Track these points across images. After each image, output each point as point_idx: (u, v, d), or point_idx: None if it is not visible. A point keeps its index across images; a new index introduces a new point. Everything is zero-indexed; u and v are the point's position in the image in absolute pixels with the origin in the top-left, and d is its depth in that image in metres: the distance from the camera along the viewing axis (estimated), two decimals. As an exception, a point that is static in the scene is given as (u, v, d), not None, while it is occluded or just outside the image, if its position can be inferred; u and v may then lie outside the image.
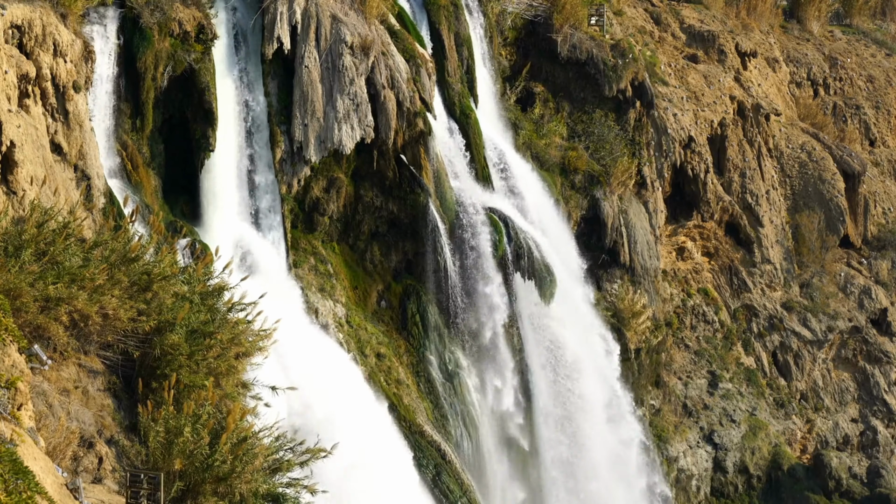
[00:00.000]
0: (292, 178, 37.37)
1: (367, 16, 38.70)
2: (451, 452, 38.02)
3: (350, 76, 37.52)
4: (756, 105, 55.39)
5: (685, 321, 51.89)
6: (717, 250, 53.84)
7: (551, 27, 48.10)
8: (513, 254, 41.01)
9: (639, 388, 47.68)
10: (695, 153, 51.70)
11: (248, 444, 18.89)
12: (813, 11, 65.17)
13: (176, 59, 34.49)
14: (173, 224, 33.46)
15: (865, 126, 62.61)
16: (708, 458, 49.57)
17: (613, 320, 46.31)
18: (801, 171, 57.28)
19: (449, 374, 40.03)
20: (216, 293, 22.38)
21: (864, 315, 55.83)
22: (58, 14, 29.67)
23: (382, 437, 35.53)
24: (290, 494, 19.78)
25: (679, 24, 57.71)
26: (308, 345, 34.57)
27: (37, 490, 14.28)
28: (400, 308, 40.03)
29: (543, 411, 42.24)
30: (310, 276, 37.88)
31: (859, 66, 64.76)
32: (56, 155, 29.13)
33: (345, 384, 35.28)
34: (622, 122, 48.71)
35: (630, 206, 48.12)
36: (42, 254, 19.92)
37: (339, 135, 37.30)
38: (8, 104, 26.72)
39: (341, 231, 39.57)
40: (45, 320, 19.26)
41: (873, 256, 57.92)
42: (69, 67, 29.54)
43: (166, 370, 20.23)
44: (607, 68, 47.99)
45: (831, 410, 54.05)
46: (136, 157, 33.98)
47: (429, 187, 39.36)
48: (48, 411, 18.73)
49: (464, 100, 42.96)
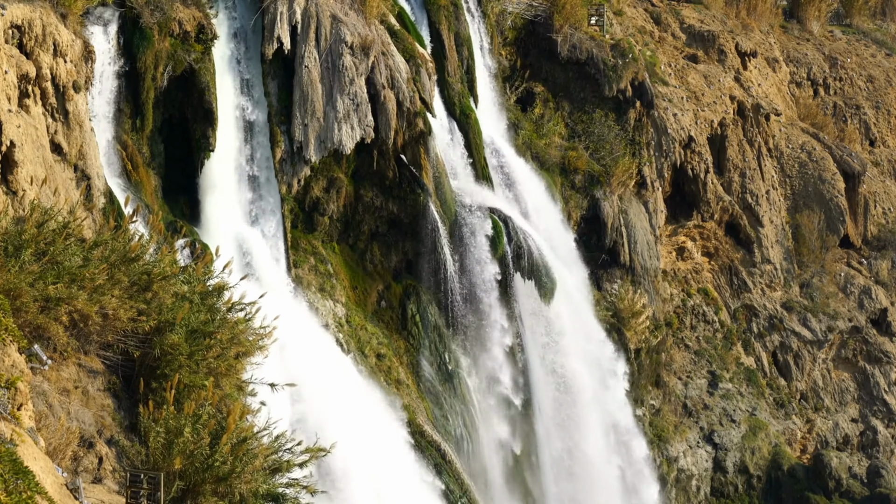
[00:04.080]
0: (292, 178, 37.38)
1: (367, 16, 38.70)
2: (451, 452, 38.02)
3: (350, 76, 37.52)
4: (756, 105, 55.39)
5: (685, 321, 51.89)
6: (717, 250, 53.84)
7: (551, 27, 48.10)
8: (513, 254, 41.02)
9: (639, 388, 47.69)
10: (695, 153, 51.70)
11: (248, 444, 18.89)
12: (813, 11, 65.16)
13: (176, 59, 34.48)
14: (173, 224, 33.46)
15: (865, 126, 62.61)
16: (708, 458, 49.58)
17: (613, 320, 46.31)
18: (801, 171, 57.29)
19: (449, 374, 40.03)
20: (216, 293, 22.38)
21: (864, 315, 55.83)
22: (58, 14, 29.67)
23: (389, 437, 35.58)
24: (290, 494, 19.79)
25: (679, 24, 57.72)
26: (308, 344, 34.58)
27: (37, 490, 14.27)
28: (400, 308, 40.03)
29: (543, 411, 42.24)
30: (310, 276, 37.88)
31: (859, 66, 64.76)
32: (56, 155, 29.13)
33: (344, 384, 35.29)
34: (622, 122, 48.72)
35: (630, 206, 48.12)
36: (42, 254, 19.92)
37: (339, 135, 37.30)
38: (8, 104, 26.71)
39: (341, 231, 39.57)
40: (45, 320, 19.25)
41: (873, 256, 57.92)
42: (69, 67, 29.53)
43: (166, 370, 20.23)
44: (607, 68, 48.00)
45: (831, 410, 54.06)
46: (136, 157, 33.98)
47: (429, 187, 39.36)
48: (48, 411, 18.72)
49: (464, 100, 42.97)
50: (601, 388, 44.53)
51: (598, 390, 44.36)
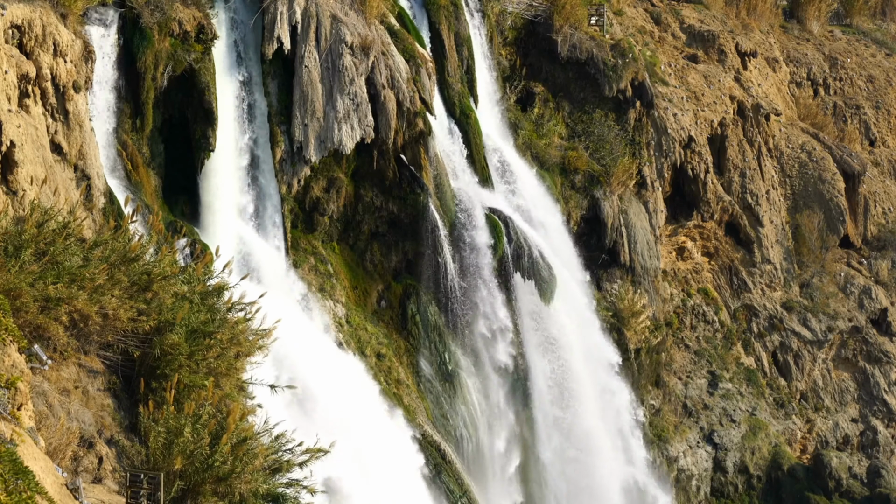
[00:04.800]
0: (292, 178, 37.38)
1: (367, 16, 38.70)
2: (451, 452, 38.03)
3: (350, 76, 37.52)
4: (756, 105, 55.39)
5: (685, 321, 51.89)
6: (717, 250, 53.83)
7: (551, 27, 48.09)
8: (513, 254, 41.02)
9: (639, 388, 47.67)
10: (695, 153, 51.70)
11: (248, 444, 18.89)
12: (813, 11, 65.14)
13: (176, 59, 34.48)
14: (173, 224, 33.46)
15: (865, 126, 62.61)
16: (708, 458, 49.58)
17: (613, 320, 46.31)
18: (801, 171, 57.28)
19: (449, 374, 40.03)
20: (216, 293, 22.38)
21: (864, 315, 55.83)
22: (58, 14, 29.66)
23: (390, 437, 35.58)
24: (290, 494, 19.79)
25: (679, 24, 57.71)
26: (308, 344, 34.57)
27: (37, 490, 14.27)
28: (400, 308, 40.04)
29: (543, 411, 42.24)
30: (310, 276, 37.88)
31: (859, 66, 64.75)
32: (56, 155, 29.13)
33: (344, 383, 35.29)
34: (622, 122, 48.72)
35: (630, 206, 48.12)
36: (42, 254, 19.91)
37: (339, 135, 37.30)
38: (8, 104, 26.71)
39: (341, 231, 39.57)
40: (45, 320, 19.25)
41: (873, 256, 57.92)
42: (69, 67, 29.53)
43: (166, 370, 20.23)
44: (607, 68, 47.99)
45: (831, 410, 54.05)
46: (136, 157, 33.98)
47: (429, 187, 39.36)
48: (48, 411, 18.72)
49: (464, 100, 42.97)
50: (601, 388, 44.52)
51: (599, 390, 44.36)
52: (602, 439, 44.04)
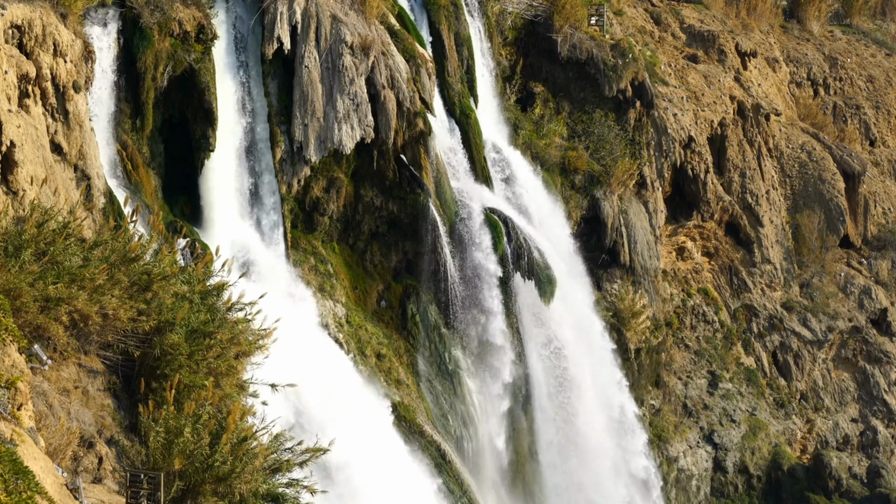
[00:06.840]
0: (292, 178, 37.38)
1: (367, 16, 38.70)
2: (451, 452, 38.04)
3: (350, 76, 37.52)
4: (756, 105, 55.39)
5: (685, 321, 51.90)
6: (717, 250, 53.84)
7: (551, 27, 48.10)
8: (512, 254, 41.02)
9: (639, 388, 47.68)
10: (695, 153, 51.70)
11: (247, 444, 18.89)
12: (813, 11, 65.16)
13: (176, 59, 34.49)
14: (173, 224, 33.47)
15: (865, 126, 62.61)
16: (708, 458, 49.58)
17: (613, 320, 46.31)
18: (801, 171, 57.29)
19: (449, 374, 40.04)
20: (216, 293, 22.37)
21: (864, 315, 55.84)
22: (58, 14, 29.66)
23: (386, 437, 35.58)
24: (290, 494, 19.78)
25: (679, 24, 57.72)
26: (308, 344, 34.57)
27: (37, 490, 14.27)
28: (400, 308, 40.05)
29: (543, 411, 42.25)
30: (310, 275, 37.89)
31: (859, 66, 64.76)
32: (56, 155, 29.12)
33: (344, 384, 35.30)
34: (622, 122, 48.73)
35: (630, 206, 48.12)
36: (42, 254, 19.91)
37: (339, 135, 37.30)
38: (8, 104, 26.71)
39: (341, 231, 39.58)
40: (45, 320, 19.25)
41: (873, 256, 57.92)
42: (69, 67, 29.53)
43: (166, 370, 20.22)
44: (607, 68, 48.00)
45: (831, 410, 54.06)
46: (136, 157, 33.99)
47: (429, 187, 39.36)
48: (48, 411, 18.72)
49: (464, 100, 42.97)
50: (601, 388, 44.53)
51: (599, 390, 44.36)
52: (602, 439, 44.05)
